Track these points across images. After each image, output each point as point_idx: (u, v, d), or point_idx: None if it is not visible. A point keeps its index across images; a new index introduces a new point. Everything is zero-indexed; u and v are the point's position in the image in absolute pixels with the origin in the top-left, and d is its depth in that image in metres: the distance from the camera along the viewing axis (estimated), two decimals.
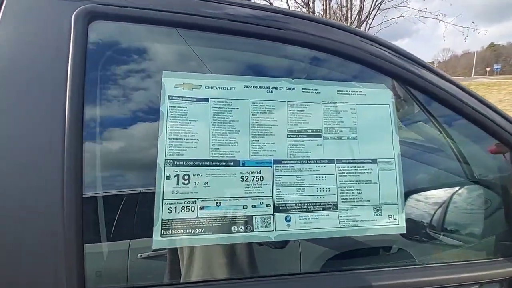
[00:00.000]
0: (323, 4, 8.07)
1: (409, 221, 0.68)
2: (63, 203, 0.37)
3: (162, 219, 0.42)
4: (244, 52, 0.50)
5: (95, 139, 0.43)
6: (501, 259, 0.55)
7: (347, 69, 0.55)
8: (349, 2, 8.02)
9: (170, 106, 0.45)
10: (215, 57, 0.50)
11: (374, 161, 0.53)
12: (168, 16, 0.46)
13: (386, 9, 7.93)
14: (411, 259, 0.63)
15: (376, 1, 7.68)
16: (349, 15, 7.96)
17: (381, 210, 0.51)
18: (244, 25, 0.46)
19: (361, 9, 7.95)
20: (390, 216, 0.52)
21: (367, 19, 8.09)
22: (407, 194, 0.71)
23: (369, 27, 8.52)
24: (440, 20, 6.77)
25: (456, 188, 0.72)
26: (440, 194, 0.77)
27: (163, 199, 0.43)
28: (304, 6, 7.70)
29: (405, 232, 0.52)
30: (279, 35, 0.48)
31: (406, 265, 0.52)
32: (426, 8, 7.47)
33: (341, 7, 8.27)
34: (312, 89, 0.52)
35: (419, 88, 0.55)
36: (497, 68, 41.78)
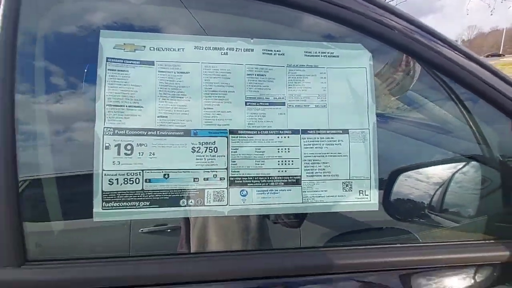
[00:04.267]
0: None
1: (401, 198, 0.63)
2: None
3: (102, 191, 0.40)
4: (193, 9, 0.44)
5: (28, 107, 0.40)
6: (495, 241, 0.49)
7: (317, 26, 0.48)
8: None
9: (108, 69, 0.41)
10: (162, 15, 0.45)
11: (345, 131, 0.47)
12: None
13: None
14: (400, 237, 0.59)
15: None
16: None
17: (351, 185, 0.46)
18: None
19: None
20: (361, 191, 0.47)
21: None
22: (400, 171, 0.65)
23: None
24: None
25: (454, 166, 0.66)
26: (435, 172, 0.71)
27: (103, 170, 0.40)
28: None
29: (377, 209, 0.47)
30: None
31: (395, 243, 0.47)
32: None
33: None
34: (274, 50, 0.46)
35: (411, 53, 0.48)
36: None
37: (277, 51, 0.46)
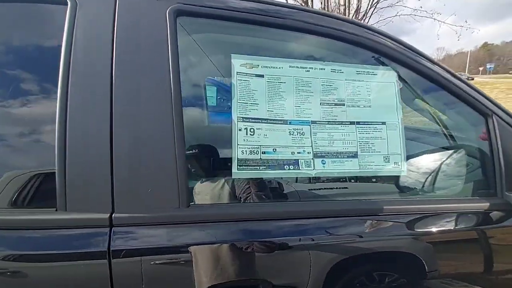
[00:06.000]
0: (321, 3, 8.26)
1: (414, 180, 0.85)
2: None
3: (237, 158, 0.60)
4: (289, 43, 0.68)
5: (193, 105, 0.60)
6: (477, 198, 0.73)
7: (364, 56, 0.73)
8: (346, 1, 8.23)
9: (238, 79, 0.63)
10: (270, 45, 0.68)
11: (383, 123, 0.71)
12: (233, 14, 0.63)
13: (383, 8, 8.18)
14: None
15: (373, 0, 7.90)
16: (346, 14, 8.17)
17: (388, 158, 0.69)
18: (294, 21, 0.64)
19: (358, 8, 8.17)
20: (395, 162, 0.70)
21: (364, 18, 8.33)
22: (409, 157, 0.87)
23: None
24: (434, 19, 7.03)
25: (444, 154, 0.90)
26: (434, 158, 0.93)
27: (238, 144, 0.60)
28: (303, 4, 7.89)
29: (405, 174, 0.70)
30: (318, 31, 0.66)
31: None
32: (421, 7, 7.74)
33: (338, 6, 8.48)
34: (338, 70, 0.70)
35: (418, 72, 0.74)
36: (490, 67, 42.29)
37: (339, 70, 0.70)
